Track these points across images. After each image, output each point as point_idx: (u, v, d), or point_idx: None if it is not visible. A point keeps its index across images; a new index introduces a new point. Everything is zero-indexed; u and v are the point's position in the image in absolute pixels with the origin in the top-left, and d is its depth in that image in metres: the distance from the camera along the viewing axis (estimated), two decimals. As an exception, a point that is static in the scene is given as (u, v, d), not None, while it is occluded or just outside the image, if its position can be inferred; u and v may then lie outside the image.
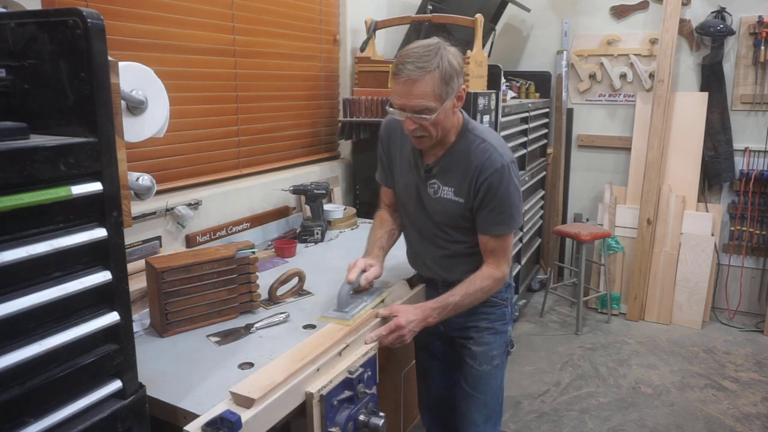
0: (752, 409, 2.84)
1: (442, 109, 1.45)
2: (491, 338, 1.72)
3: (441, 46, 1.45)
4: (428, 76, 1.41)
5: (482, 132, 1.59)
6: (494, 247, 1.59)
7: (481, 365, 1.72)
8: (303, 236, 2.42)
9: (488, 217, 1.55)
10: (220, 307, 1.63)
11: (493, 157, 1.52)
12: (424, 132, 1.49)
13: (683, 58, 3.93)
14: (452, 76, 1.44)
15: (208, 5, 2.25)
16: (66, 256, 0.91)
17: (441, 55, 1.42)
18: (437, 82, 1.42)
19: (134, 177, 1.44)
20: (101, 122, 0.93)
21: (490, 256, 1.60)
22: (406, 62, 1.43)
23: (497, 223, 1.55)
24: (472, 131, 1.57)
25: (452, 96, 1.47)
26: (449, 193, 1.58)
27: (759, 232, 3.80)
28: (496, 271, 1.60)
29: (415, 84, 1.42)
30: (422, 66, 1.41)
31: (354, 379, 1.35)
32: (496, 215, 1.54)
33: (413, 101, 1.44)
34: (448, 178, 1.58)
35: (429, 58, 1.41)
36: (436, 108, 1.44)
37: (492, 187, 1.51)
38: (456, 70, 1.45)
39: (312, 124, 2.97)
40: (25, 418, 0.87)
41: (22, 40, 0.95)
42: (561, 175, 4.35)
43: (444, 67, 1.42)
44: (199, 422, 1.11)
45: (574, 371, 3.21)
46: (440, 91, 1.43)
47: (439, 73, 1.42)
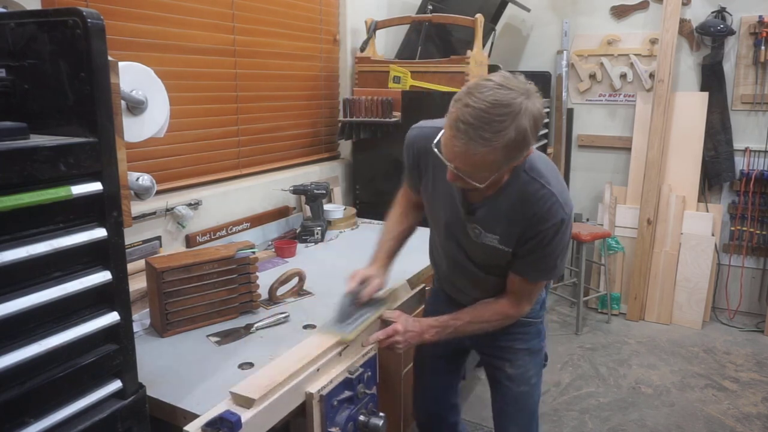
0: (752, 409, 2.84)
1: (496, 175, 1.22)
2: (527, 359, 1.63)
3: (522, 108, 1.14)
4: (491, 150, 1.14)
5: (542, 174, 1.33)
6: (522, 290, 1.46)
7: (519, 387, 1.64)
8: (303, 236, 2.42)
9: (529, 263, 1.39)
10: (220, 307, 1.63)
11: (554, 209, 1.30)
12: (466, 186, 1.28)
13: (683, 58, 3.93)
14: (521, 148, 1.17)
15: (208, 5, 2.25)
16: (66, 256, 0.91)
17: (517, 125, 1.13)
18: (500, 156, 1.16)
19: (134, 177, 1.44)
20: (101, 122, 0.93)
21: (514, 295, 1.47)
22: (468, 122, 1.13)
23: (537, 270, 1.41)
24: (528, 171, 1.32)
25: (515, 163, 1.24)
26: (493, 241, 1.39)
27: (759, 232, 3.80)
28: (511, 310, 1.48)
29: (472, 156, 1.15)
30: (488, 138, 1.12)
31: (354, 379, 1.35)
32: (539, 264, 1.39)
33: (463, 166, 1.20)
34: (493, 225, 1.37)
35: (500, 128, 1.12)
36: (489, 177, 1.21)
37: (546, 239, 1.32)
38: (529, 141, 1.17)
39: (312, 124, 2.97)
40: (25, 418, 0.87)
41: (22, 40, 0.95)
42: (561, 175, 4.35)
43: (516, 139, 1.14)
44: (199, 422, 1.11)
45: (574, 371, 3.20)
46: (502, 164, 1.19)
47: (506, 148, 1.14)
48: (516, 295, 1.48)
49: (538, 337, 1.66)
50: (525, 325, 1.62)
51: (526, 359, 1.63)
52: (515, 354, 1.63)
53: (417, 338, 1.50)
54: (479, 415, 2.71)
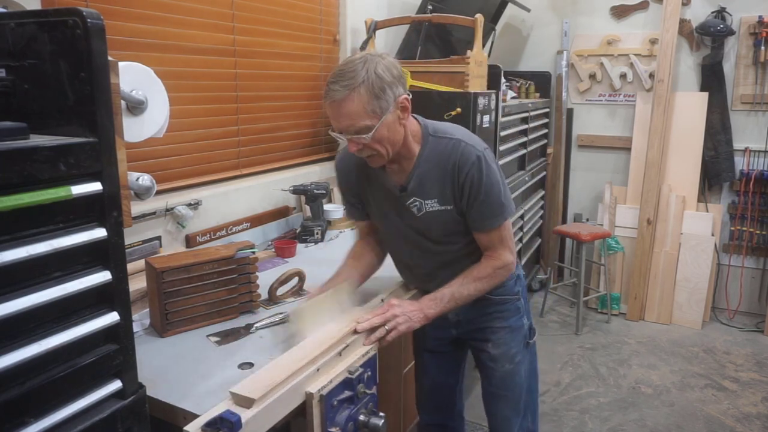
0: (752, 409, 2.84)
1: (381, 124, 1.35)
2: (508, 337, 1.66)
3: (367, 59, 1.35)
4: (354, 93, 1.31)
5: (446, 131, 1.49)
6: (491, 241, 1.52)
7: (503, 366, 1.67)
8: (303, 236, 2.42)
9: (479, 212, 1.47)
10: (220, 307, 1.63)
11: (466, 151, 1.44)
12: (371, 151, 1.40)
13: (683, 58, 3.93)
14: (383, 87, 1.33)
15: (208, 5, 2.25)
16: (66, 256, 0.91)
17: (367, 69, 1.32)
18: (366, 97, 1.32)
19: (134, 177, 1.44)
20: (101, 122, 0.93)
21: (489, 249, 1.54)
22: (330, 83, 1.34)
23: (489, 216, 1.48)
24: (434, 134, 1.49)
25: (391, 108, 1.36)
26: (434, 205, 1.49)
27: (759, 232, 3.80)
28: (496, 261, 1.53)
29: (342, 104, 1.32)
30: (346, 84, 1.31)
31: (354, 379, 1.35)
32: (486, 208, 1.47)
33: (345, 122, 1.35)
34: (427, 190, 1.49)
35: (353, 74, 1.32)
36: (373, 125, 1.34)
37: (474, 181, 1.43)
38: (387, 81, 1.34)
39: (312, 124, 2.97)
40: (25, 418, 0.87)
41: (22, 40, 0.95)
42: (561, 175, 4.35)
43: (371, 80, 1.32)
44: (199, 422, 1.10)
45: (574, 371, 3.20)
46: (372, 106, 1.33)
47: (366, 88, 1.31)
48: (491, 249, 1.53)
49: (518, 313, 1.68)
50: (502, 303, 1.65)
51: (507, 337, 1.67)
52: (495, 333, 1.66)
53: (419, 314, 1.48)
54: (479, 415, 2.71)
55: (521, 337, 1.69)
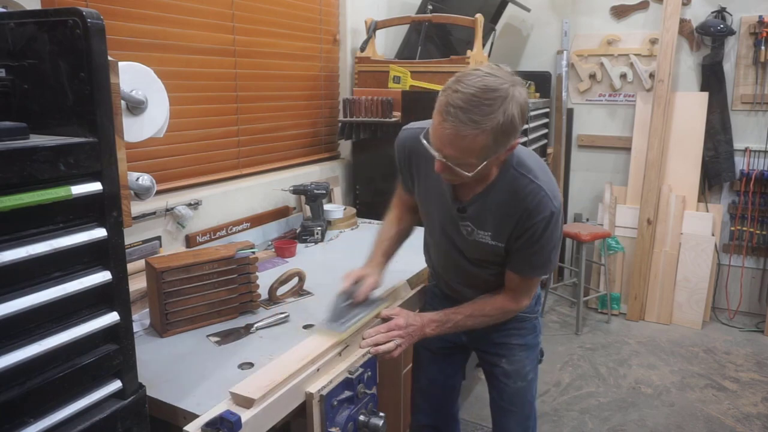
0: (752, 410, 2.84)
1: (484, 164, 1.23)
2: (523, 355, 1.64)
3: (509, 96, 1.16)
4: (481, 135, 1.16)
5: (530, 169, 1.35)
6: (519, 286, 1.48)
7: (516, 383, 1.66)
8: (303, 236, 2.42)
9: (524, 259, 1.41)
10: (220, 307, 1.63)
11: (543, 203, 1.32)
12: (454, 177, 1.29)
13: (683, 58, 3.93)
14: (511, 132, 1.19)
15: (208, 5, 2.25)
16: (66, 256, 0.91)
17: (505, 110, 1.15)
18: (490, 141, 1.17)
19: (134, 177, 1.44)
20: (101, 122, 0.93)
21: (512, 291, 1.50)
22: (457, 106, 1.15)
23: (532, 266, 1.43)
24: (517, 168, 1.35)
25: (502, 152, 1.24)
26: (486, 238, 1.41)
27: (759, 232, 3.80)
28: (511, 304, 1.51)
29: (461, 139, 1.17)
30: (477, 120, 1.14)
31: (354, 379, 1.35)
32: (533, 259, 1.41)
33: (451, 153, 1.21)
34: (485, 222, 1.40)
35: (489, 111, 1.14)
36: (477, 165, 1.22)
37: (537, 233, 1.34)
38: (517, 127, 1.20)
39: (312, 124, 2.97)
40: (25, 418, 0.87)
41: (22, 40, 0.95)
42: (561, 175, 4.35)
43: (505, 124, 1.16)
44: (199, 422, 1.11)
45: (574, 371, 3.20)
46: (488, 151, 1.20)
47: (494, 133, 1.16)
48: (514, 291, 1.50)
49: (534, 332, 1.67)
50: (520, 321, 1.63)
51: (522, 355, 1.65)
52: (511, 350, 1.65)
53: (418, 332, 1.49)
54: (479, 415, 2.72)
55: (535, 356, 1.69)
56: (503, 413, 1.71)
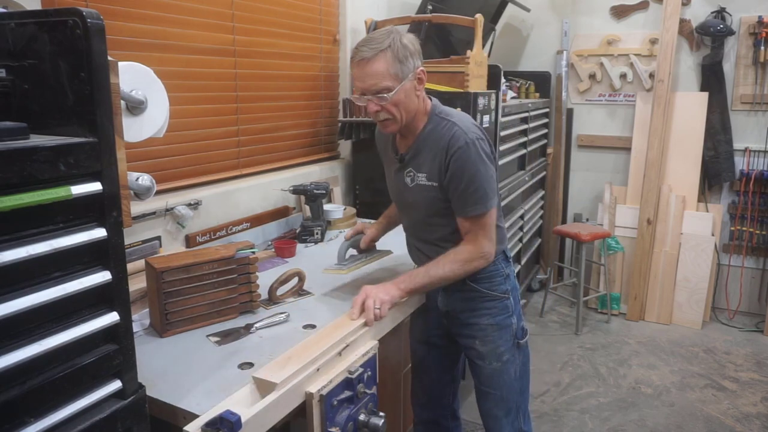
0: (752, 409, 2.84)
1: (400, 87, 1.49)
2: (495, 335, 1.68)
3: (393, 30, 1.52)
4: (381, 54, 1.46)
5: (449, 114, 1.60)
6: (470, 228, 1.57)
7: (491, 363, 1.70)
8: (303, 236, 2.42)
9: (459, 198, 1.54)
10: (220, 307, 1.63)
11: (457, 135, 1.53)
12: (387, 115, 1.52)
13: (683, 58, 3.93)
14: (406, 55, 1.49)
15: (208, 5, 2.25)
16: (66, 256, 0.91)
17: (393, 37, 1.48)
18: (390, 60, 1.47)
19: (134, 177, 1.44)
20: (101, 122, 0.93)
21: (467, 236, 1.58)
22: (359, 46, 1.50)
23: (469, 204, 1.54)
24: (439, 114, 1.60)
25: (410, 76, 1.50)
26: (423, 179, 1.60)
27: (759, 232, 3.80)
28: (472, 247, 1.57)
29: (369, 64, 1.47)
30: (375, 47, 1.47)
31: (354, 379, 1.35)
32: (467, 196, 1.53)
33: (369, 81, 1.48)
34: (420, 163, 1.60)
35: (381, 40, 1.47)
36: (393, 86, 1.48)
37: (459, 164, 1.51)
38: (410, 50, 1.50)
39: (312, 124, 2.97)
40: (25, 418, 0.87)
41: (22, 40, 0.95)
42: (561, 175, 4.35)
43: (396, 47, 1.47)
44: (199, 422, 1.11)
45: (574, 371, 3.21)
46: (395, 69, 1.48)
47: (392, 52, 1.47)
48: (470, 235, 1.57)
49: (506, 312, 1.70)
50: (490, 300, 1.68)
51: (495, 335, 1.69)
52: (483, 330, 1.69)
53: (392, 290, 1.55)
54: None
55: (509, 336, 1.70)
56: (482, 396, 1.75)
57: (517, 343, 1.71)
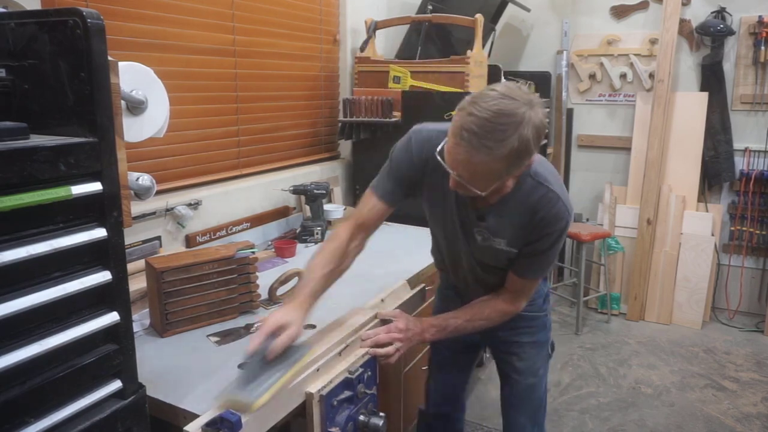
0: (752, 409, 2.84)
1: (498, 184, 1.22)
2: (534, 352, 1.67)
3: (525, 118, 1.13)
4: (494, 161, 1.15)
5: (546, 177, 1.36)
6: (521, 288, 1.50)
7: (527, 379, 1.68)
8: (303, 236, 2.42)
9: (530, 263, 1.44)
10: (220, 307, 1.63)
11: (561, 213, 1.35)
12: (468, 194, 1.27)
13: (683, 58, 3.92)
14: (523, 157, 1.17)
15: (208, 5, 2.25)
16: (66, 256, 0.91)
17: (520, 134, 1.12)
18: (503, 165, 1.17)
19: (134, 177, 1.44)
20: (101, 122, 0.93)
21: (512, 293, 1.51)
22: (471, 131, 1.12)
23: (535, 270, 1.47)
24: (533, 176, 1.34)
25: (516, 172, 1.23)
26: (501, 244, 1.42)
27: (759, 232, 3.80)
28: (510, 307, 1.52)
29: (475, 164, 1.16)
30: (490, 146, 1.12)
31: (354, 379, 1.35)
32: (539, 264, 1.45)
33: (465, 174, 1.20)
34: (501, 229, 1.40)
35: (503, 137, 1.12)
36: (491, 185, 1.21)
37: (550, 241, 1.38)
38: (531, 150, 1.18)
39: (312, 124, 2.97)
40: (25, 418, 0.87)
41: (22, 40, 0.95)
42: (561, 176, 4.35)
43: (519, 149, 1.14)
44: (199, 422, 1.11)
45: (574, 371, 3.20)
46: (503, 173, 1.19)
47: (510, 155, 1.14)
48: (514, 293, 1.52)
49: (544, 329, 1.70)
50: (531, 320, 1.66)
51: (533, 352, 1.68)
52: (522, 347, 1.67)
53: (417, 337, 1.50)
54: (479, 415, 2.72)
55: (545, 352, 1.72)
56: (515, 408, 1.73)
57: (549, 355, 1.74)
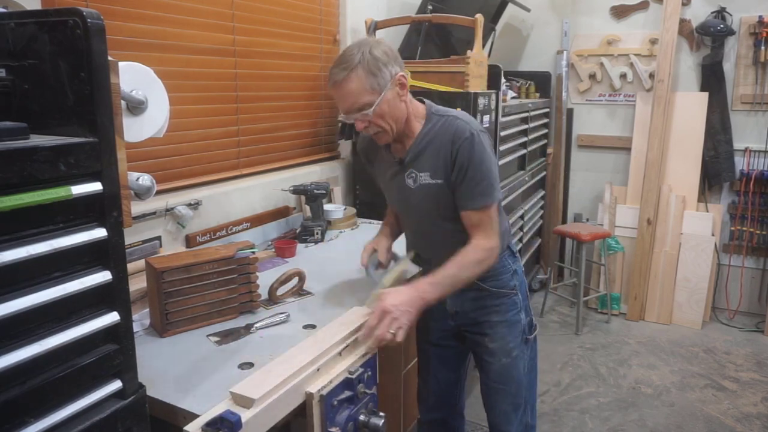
0: (752, 409, 2.84)
1: (381, 99, 1.46)
2: (505, 331, 1.68)
3: (362, 43, 1.49)
4: (352, 73, 1.44)
5: (447, 111, 1.60)
6: (478, 221, 1.54)
7: (500, 360, 1.70)
8: (303, 236, 2.42)
9: (466, 190, 1.52)
10: (220, 307, 1.63)
11: (460, 128, 1.52)
12: (376, 128, 1.51)
13: (683, 58, 3.93)
14: (378, 66, 1.45)
15: (208, 5, 2.25)
16: (66, 256, 0.91)
17: (362, 51, 1.45)
18: (363, 76, 1.44)
19: (134, 177, 1.43)
20: (101, 122, 0.93)
21: (476, 229, 1.54)
22: (331, 68, 1.47)
23: (476, 195, 1.52)
24: (437, 113, 1.59)
25: (388, 85, 1.47)
26: (427, 178, 1.57)
27: (759, 232, 3.80)
28: (485, 241, 1.54)
29: (343, 85, 1.45)
30: (345, 66, 1.44)
31: (354, 379, 1.35)
32: (474, 186, 1.51)
33: (347, 102, 1.47)
34: (422, 163, 1.57)
35: (350, 57, 1.45)
36: (373, 101, 1.46)
37: (466, 155, 1.50)
38: (382, 61, 1.46)
39: (312, 124, 2.97)
40: (25, 418, 0.87)
41: (22, 40, 0.95)
42: (561, 175, 4.35)
43: (366, 60, 1.44)
44: (199, 422, 1.11)
45: (574, 371, 3.20)
46: (370, 84, 1.45)
47: (363, 68, 1.44)
48: (477, 229, 1.55)
49: (515, 308, 1.70)
50: (499, 297, 1.67)
51: (504, 331, 1.69)
52: (492, 327, 1.69)
53: (417, 302, 1.45)
54: (480, 415, 2.71)
55: (518, 332, 1.70)
56: (491, 392, 1.74)
57: (525, 339, 1.72)
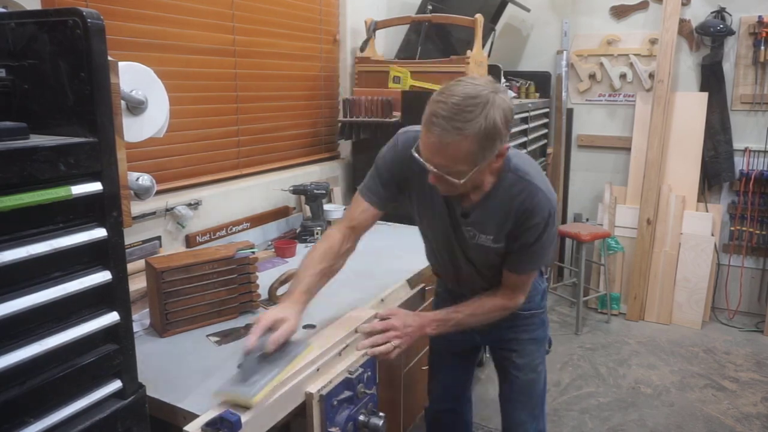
0: (752, 409, 2.84)
1: (474, 171, 1.26)
2: (533, 348, 1.70)
3: (490, 101, 1.20)
4: (464, 141, 1.19)
5: (526, 171, 1.39)
6: (516, 283, 1.52)
7: (527, 375, 1.70)
8: (303, 236, 2.42)
9: (521, 258, 1.46)
10: (220, 307, 1.63)
11: (542, 204, 1.36)
12: (449, 189, 1.32)
13: (683, 58, 3.93)
14: (493, 139, 1.22)
15: (208, 5, 2.25)
16: (66, 256, 0.91)
17: (486, 115, 1.19)
18: (473, 147, 1.21)
19: (134, 177, 1.44)
20: (101, 122, 0.93)
21: (509, 288, 1.53)
22: (440, 115, 1.19)
23: (525, 263, 1.48)
24: (514, 171, 1.38)
25: (491, 158, 1.27)
26: (487, 241, 1.45)
27: (759, 232, 3.80)
28: (508, 303, 1.54)
29: (446, 146, 1.21)
30: (459, 127, 1.18)
31: (354, 379, 1.35)
32: (528, 258, 1.46)
33: (440, 161, 1.24)
34: (486, 225, 1.43)
35: (470, 117, 1.18)
36: (467, 172, 1.25)
37: (536, 234, 1.39)
38: (499, 131, 1.21)
39: (312, 124, 2.97)
40: (25, 418, 0.87)
41: (22, 40, 0.95)
42: (561, 175, 4.35)
43: (487, 129, 1.19)
44: (199, 422, 1.11)
45: (574, 371, 3.20)
46: (476, 156, 1.23)
47: (478, 138, 1.19)
48: (511, 288, 1.54)
49: (542, 326, 1.72)
50: (529, 317, 1.68)
51: (532, 348, 1.70)
52: (521, 344, 1.70)
53: (417, 332, 1.49)
54: (480, 415, 2.71)
55: (543, 348, 1.74)
56: (514, 404, 1.75)
57: (547, 351, 1.76)
